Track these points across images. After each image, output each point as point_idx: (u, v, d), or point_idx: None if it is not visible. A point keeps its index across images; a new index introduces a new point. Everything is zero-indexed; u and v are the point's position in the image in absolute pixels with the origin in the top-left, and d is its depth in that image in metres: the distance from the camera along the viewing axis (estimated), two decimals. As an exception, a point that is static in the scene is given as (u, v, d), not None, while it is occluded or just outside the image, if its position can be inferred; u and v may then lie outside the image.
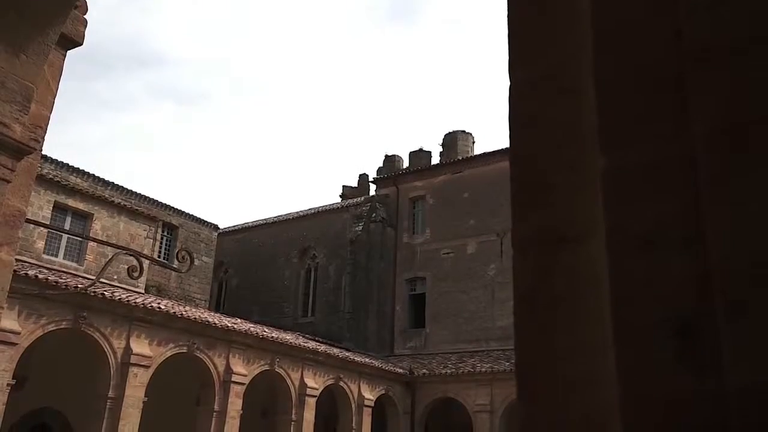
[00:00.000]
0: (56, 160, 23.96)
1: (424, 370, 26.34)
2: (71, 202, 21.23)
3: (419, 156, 37.26)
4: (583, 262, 1.29)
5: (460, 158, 33.94)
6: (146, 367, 16.59)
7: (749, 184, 0.96)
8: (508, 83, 1.50)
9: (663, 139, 1.04)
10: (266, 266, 34.99)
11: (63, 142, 73.47)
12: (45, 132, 3.87)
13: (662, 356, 0.95)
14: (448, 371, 25.64)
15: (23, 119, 3.63)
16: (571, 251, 1.32)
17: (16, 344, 13.87)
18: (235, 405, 18.84)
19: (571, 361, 1.22)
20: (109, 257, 5.43)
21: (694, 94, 1.02)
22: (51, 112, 3.93)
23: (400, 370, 26.08)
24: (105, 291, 16.34)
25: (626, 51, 1.14)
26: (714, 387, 0.88)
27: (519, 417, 1.28)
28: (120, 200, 24.26)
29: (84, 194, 21.96)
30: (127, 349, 16.27)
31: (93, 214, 21.92)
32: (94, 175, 25.47)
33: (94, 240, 16.79)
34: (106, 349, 15.95)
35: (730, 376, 0.87)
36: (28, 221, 4.35)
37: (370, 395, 24.12)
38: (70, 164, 24.57)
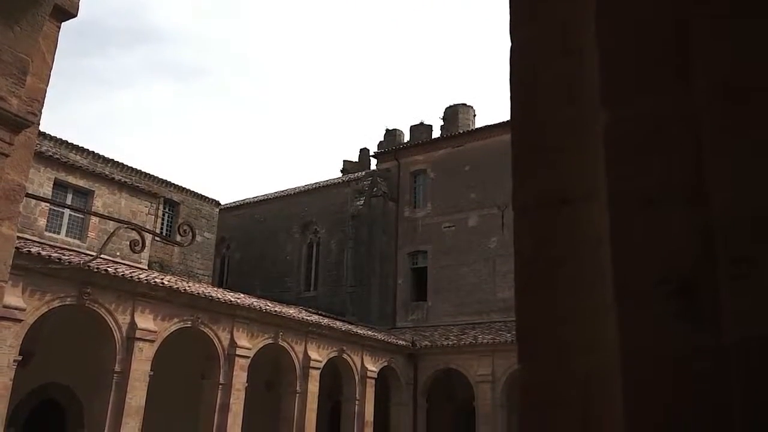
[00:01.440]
0: (55, 137, 23.88)
1: (426, 342, 26.57)
2: (71, 179, 21.20)
3: (420, 130, 37.09)
4: (584, 223, 1.28)
5: (461, 131, 33.79)
6: (151, 341, 16.74)
7: (751, 141, 0.94)
8: (510, 44, 1.47)
9: (665, 95, 1.02)
10: (268, 241, 35.09)
11: (61, 119, 73.16)
12: (42, 105, 3.84)
13: (663, 312, 0.94)
14: (450, 343, 25.86)
15: (20, 92, 3.60)
16: (572, 213, 1.31)
17: (22, 320, 13.97)
18: (240, 378, 19.04)
19: (572, 322, 1.22)
20: (111, 232, 5.43)
21: (697, 50, 1.01)
22: (47, 85, 3.90)
23: (403, 342, 26.30)
24: (108, 267, 16.41)
25: (628, 7, 1.12)
26: (714, 342, 0.88)
27: (519, 378, 1.29)
28: (120, 177, 24.23)
29: (84, 171, 21.93)
30: (132, 325, 16.40)
31: (94, 191, 21.91)
32: (93, 152, 25.40)
33: (95, 214, 16.81)
34: (111, 325, 16.07)
35: (730, 330, 0.87)
36: (29, 196, 4.35)
37: (373, 367, 24.36)
38: (70, 141, 24.48)
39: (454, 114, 36.77)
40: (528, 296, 1.34)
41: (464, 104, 37.53)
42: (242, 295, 22.21)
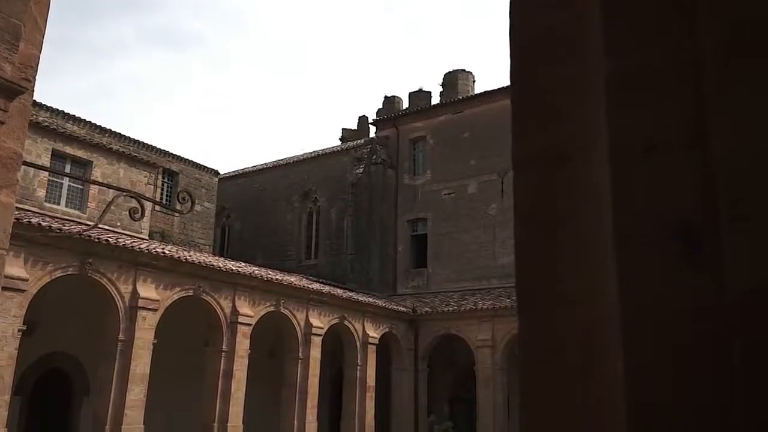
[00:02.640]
0: (51, 107, 23.69)
1: (427, 309, 26.79)
2: (69, 150, 21.11)
3: (419, 96, 36.78)
4: (584, 178, 1.27)
5: (461, 98, 33.52)
6: (154, 310, 16.88)
7: (754, 85, 0.93)
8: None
9: (668, 38, 1.00)
10: (268, 210, 35.12)
11: (56, 90, 72.51)
12: (35, 72, 3.79)
13: (663, 261, 0.94)
14: (451, 309, 26.08)
15: (13, 58, 3.55)
16: (572, 168, 1.30)
17: (24, 291, 14.06)
18: (243, 345, 19.25)
19: (572, 276, 1.22)
20: (111, 199, 5.42)
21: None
22: (40, 52, 3.84)
23: (403, 309, 26.52)
24: (109, 237, 16.45)
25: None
26: (715, 286, 0.88)
27: (519, 333, 1.29)
28: (119, 147, 24.13)
29: (82, 141, 21.82)
30: (134, 294, 16.51)
31: (92, 161, 21.84)
32: (90, 122, 25.24)
33: (93, 182, 16.79)
34: (113, 294, 16.18)
35: (731, 277, 0.86)
36: (26, 164, 4.33)
37: (374, 333, 24.61)
38: (66, 111, 24.30)
39: (454, 80, 36.42)
40: (528, 252, 1.33)
41: (463, 70, 37.16)
42: (243, 264, 22.32)
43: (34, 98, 4.03)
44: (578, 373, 1.11)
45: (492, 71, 78.97)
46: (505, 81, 29.22)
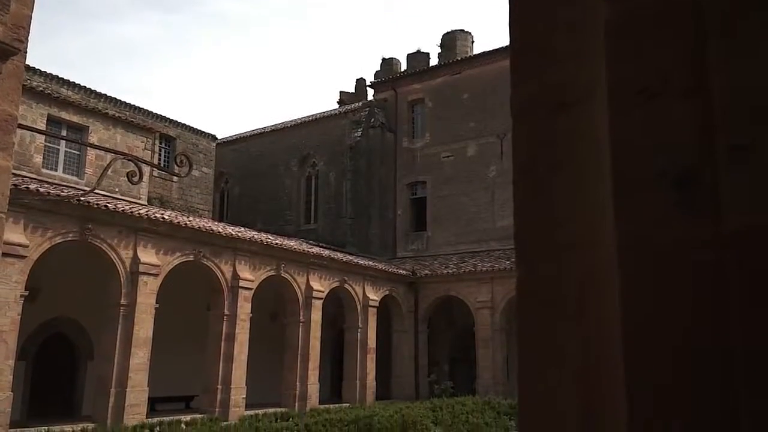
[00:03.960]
0: (45, 72, 23.42)
1: (427, 271, 26.97)
2: (65, 115, 20.95)
3: (417, 58, 36.34)
4: (583, 125, 1.26)
5: (459, 59, 33.14)
6: (155, 275, 16.97)
7: (756, 30, 0.92)
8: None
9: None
10: (267, 175, 35.05)
11: (49, 54, 71.57)
12: (28, 32, 3.73)
13: (661, 205, 0.94)
14: (450, 271, 26.25)
15: (4, 18, 3.49)
16: (571, 115, 1.29)
17: (25, 257, 14.12)
18: (245, 309, 19.43)
19: (570, 223, 1.22)
20: (108, 163, 5.37)
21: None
22: (32, 12, 3.78)
23: (403, 272, 26.70)
24: (108, 203, 16.44)
25: None
26: (713, 230, 0.88)
27: (517, 281, 1.30)
28: (115, 112, 23.94)
29: (77, 107, 21.64)
30: (135, 259, 16.58)
31: (88, 126, 21.70)
32: (85, 87, 24.98)
33: (91, 146, 16.71)
34: (114, 260, 16.25)
35: (729, 218, 0.87)
36: (22, 127, 4.29)
37: (374, 296, 24.83)
38: (60, 76, 24.03)
39: (452, 41, 35.95)
40: (526, 201, 1.33)
41: (462, 30, 36.64)
42: (243, 229, 22.38)
43: (27, 63, 3.98)
44: (575, 317, 1.13)
45: (491, 31, 77.92)
46: (504, 41, 28.85)
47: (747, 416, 0.79)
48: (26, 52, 3.75)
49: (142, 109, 27.41)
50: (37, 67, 23.11)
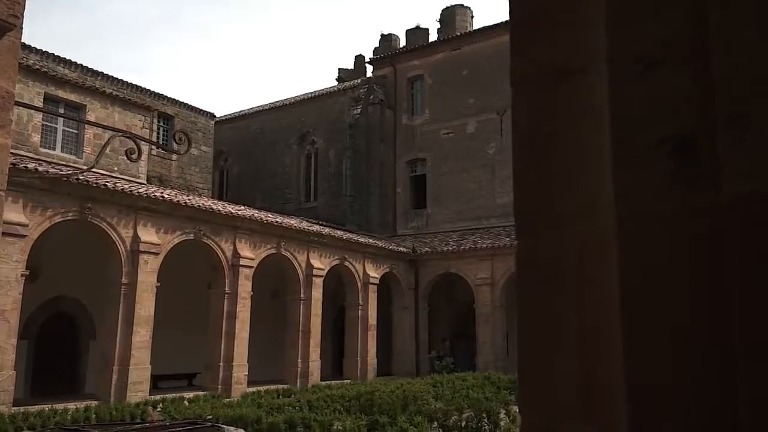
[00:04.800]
0: (41, 50, 23.22)
1: (427, 249, 27.03)
2: (62, 94, 20.82)
3: (416, 34, 36.03)
4: (583, 95, 1.25)
5: (459, 34, 32.83)
6: (156, 254, 17.00)
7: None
8: None
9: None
10: (266, 153, 34.96)
11: (44, 32, 70.90)
12: (23, 8, 3.68)
13: (661, 173, 0.94)
14: (450, 248, 26.32)
15: (-2, -6, 3.44)
16: (571, 85, 1.28)
17: (25, 236, 14.12)
18: (245, 287, 19.51)
19: (570, 194, 1.22)
20: (106, 140, 5.36)
21: None
22: (27, -14, 3.72)
23: (403, 249, 26.75)
24: (107, 182, 16.41)
25: None
26: (712, 200, 0.88)
27: (517, 253, 1.30)
28: (112, 90, 23.78)
29: (74, 85, 21.50)
30: (135, 238, 16.60)
31: (85, 105, 21.58)
32: (82, 65, 24.79)
33: (88, 122, 16.64)
34: (114, 239, 16.27)
35: (727, 187, 0.86)
36: (19, 104, 4.27)
37: (374, 274, 24.91)
38: (57, 54, 23.83)
39: (451, 16, 35.60)
40: (526, 172, 1.33)
41: (461, 5, 36.29)
42: (243, 207, 22.37)
43: (22, 41, 3.93)
44: (574, 286, 1.13)
45: (490, 6, 77.01)
46: (504, 16, 28.55)
47: (744, 377, 0.80)
48: (22, 28, 3.71)
49: (140, 87, 27.23)
50: (33, 45, 22.92)
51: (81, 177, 14.40)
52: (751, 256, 0.85)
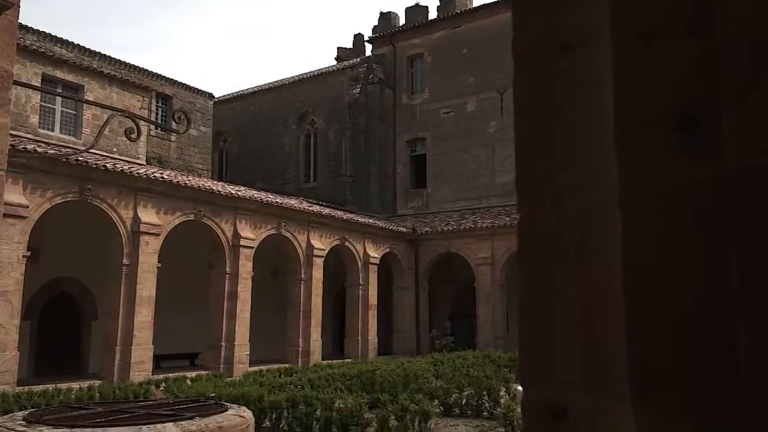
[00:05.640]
0: (38, 30, 23.04)
1: (427, 228, 27.06)
2: (59, 74, 20.70)
3: (416, 12, 35.68)
4: (586, 67, 1.25)
5: (459, 12, 32.53)
6: (156, 235, 17.03)
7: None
8: None
9: None
10: (265, 133, 34.84)
11: (42, 12, 70.26)
12: (19, -14, 3.66)
13: (664, 145, 0.94)
14: (450, 228, 26.34)
15: (-6, -29, 3.42)
16: (573, 58, 1.27)
17: (26, 217, 14.14)
18: (246, 267, 19.57)
19: (572, 166, 1.22)
20: (105, 120, 5.32)
21: None
22: (22, -36, 3.69)
23: (404, 229, 26.78)
24: (107, 163, 16.38)
25: None
26: (715, 171, 0.88)
27: (519, 226, 1.30)
28: (110, 71, 23.63)
29: (72, 65, 21.36)
30: (136, 219, 16.61)
31: (83, 85, 21.46)
32: (79, 45, 24.60)
33: (87, 102, 16.54)
34: (115, 220, 16.28)
35: (730, 158, 0.86)
36: (17, 83, 4.25)
37: (375, 253, 24.97)
38: (54, 35, 23.64)
39: (451, -6, 35.21)
40: (528, 145, 1.33)
41: (461, -17, 35.84)
42: (243, 188, 22.36)
43: (19, 21, 3.90)
44: (576, 258, 1.14)
45: (491, -16, 76.33)
46: (504, -6, 28.25)
47: (746, 337, 0.80)
48: (19, 6, 3.68)
49: (138, 67, 27.06)
50: (30, 26, 22.73)
51: (80, 158, 14.37)
52: (753, 226, 0.85)
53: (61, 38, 23.90)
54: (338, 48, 40.69)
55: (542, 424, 1.14)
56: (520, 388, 1.56)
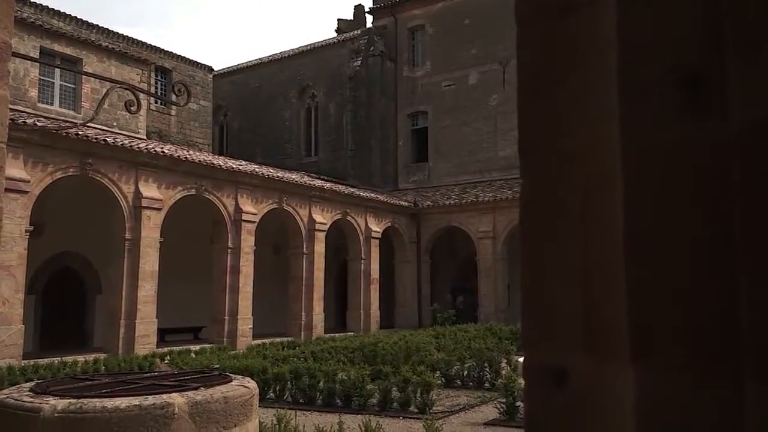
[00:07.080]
0: (35, 3, 22.78)
1: (429, 202, 27.06)
2: (57, 47, 20.53)
3: (417, -18, 35.16)
4: (591, 28, 1.22)
5: (460, -18, 32.06)
6: (158, 209, 17.06)
7: None
8: None
9: None
10: (266, 107, 34.64)
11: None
12: (13, -46, 3.59)
13: (668, 104, 0.93)
14: (452, 202, 26.34)
15: (-12, -61, 3.35)
16: (576, 19, 1.25)
17: (27, 192, 14.15)
18: (248, 242, 19.62)
19: (575, 132, 1.21)
20: (105, 92, 5.29)
21: None
22: (16, -68, 3.62)
23: (405, 203, 26.79)
24: (107, 137, 16.33)
25: None
26: (718, 129, 0.87)
27: (521, 194, 1.30)
28: (108, 44, 23.43)
29: (70, 38, 21.17)
30: (137, 193, 16.62)
31: (82, 59, 21.30)
32: (77, 17, 24.34)
33: (85, 74, 16.45)
34: (116, 194, 16.29)
35: (735, 117, 0.85)
36: (17, 55, 4.20)
37: (376, 228, 25.01)
38: (51, 7, 23.38)
39: (453, -36, 34.67)
40: (530, 110, 1.31)
41: (463, -47, 35.26)
42: (244, 162, 22.31)
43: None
44: (578, 224, 1.13)
45: (493, -46, 75.14)
46: (507, -36, 27.84)
47: (746, 303, 0.80)
48: (13, -24, 3.62)
49: (137, 40, 26.81)
50: (26, -2, 22.48)
51: (80, 132, 14.32)
52: (757, 186, 0.84)
53: (59, 11, 23.65)
54: (338, 20, 40.21)
55: (542, 387, 1.15)
56: (521, 359, 1.57)
